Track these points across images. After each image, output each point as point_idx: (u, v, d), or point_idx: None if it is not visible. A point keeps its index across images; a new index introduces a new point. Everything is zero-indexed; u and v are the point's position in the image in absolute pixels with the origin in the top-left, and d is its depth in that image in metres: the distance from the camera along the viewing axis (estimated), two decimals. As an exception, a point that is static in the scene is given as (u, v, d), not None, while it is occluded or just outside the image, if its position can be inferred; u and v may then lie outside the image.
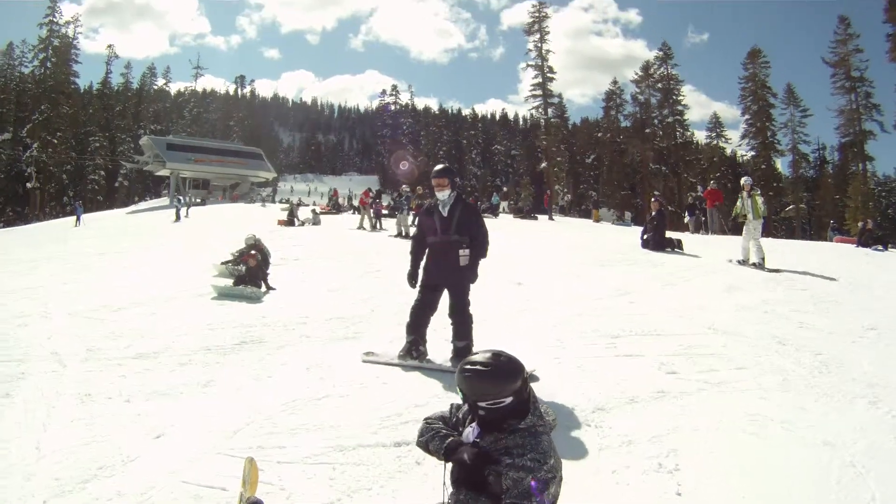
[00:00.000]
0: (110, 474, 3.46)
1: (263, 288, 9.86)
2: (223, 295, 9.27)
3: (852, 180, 57.35)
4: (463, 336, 5.27)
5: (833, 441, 3.74)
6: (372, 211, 23.04)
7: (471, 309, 5.34)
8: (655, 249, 13.57)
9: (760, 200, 11.79)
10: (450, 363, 5.23)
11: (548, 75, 72.77)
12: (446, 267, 5.27)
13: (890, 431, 4.02)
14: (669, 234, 14.75)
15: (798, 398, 4.49)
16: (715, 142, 72.06)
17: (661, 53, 70.12)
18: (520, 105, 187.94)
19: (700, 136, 75.09)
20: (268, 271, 10.39)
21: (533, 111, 75.03)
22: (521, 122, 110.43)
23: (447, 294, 5.38)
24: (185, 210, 30.63)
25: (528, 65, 73.65)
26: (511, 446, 2.29)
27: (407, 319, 5.48)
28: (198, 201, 49.97)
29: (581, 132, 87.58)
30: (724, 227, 22.33)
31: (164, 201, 55.07)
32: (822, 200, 64.43)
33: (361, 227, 22.59)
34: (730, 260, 11.93)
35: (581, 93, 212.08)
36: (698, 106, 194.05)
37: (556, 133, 73.86)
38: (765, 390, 4.63)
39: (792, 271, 10.66)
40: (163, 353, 6.00)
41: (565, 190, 41.23)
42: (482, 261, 5.44)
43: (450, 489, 2.43)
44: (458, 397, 2.43)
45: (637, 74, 71.25)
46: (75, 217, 34.37)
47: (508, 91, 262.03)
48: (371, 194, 24.48)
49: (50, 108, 64.79)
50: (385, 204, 26.15)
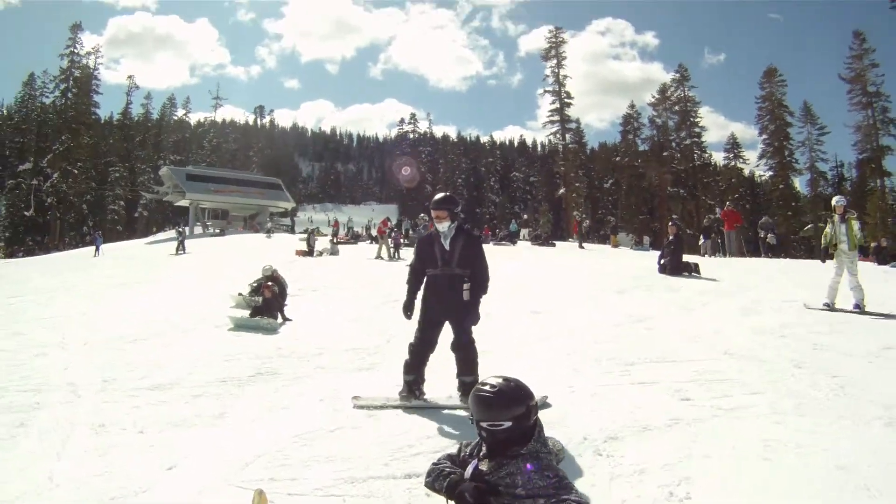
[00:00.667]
0: (121, 505, 3.50)
1: (280, 319, 9.96)
2: (240, 326, 9.39)
3: (870, 197, 57.25)
4: (470, 370, 5.09)
5: (847, 464, 3.69)
6: (391, 240, 23.19)
7: (476, 344, 5.16)
8: (673, 274, 13.60)
9: (857, 226, 9.66)
10: (459, 400, 5.08)
11: (565, 101, 74.02)
12: (450, 301, 5.09)
13: (905, 454, 3.98)
14: (687, 259, 14.75)
15: (813, 422, 4.44)
16: (733, 163, 72.25)
17: (678, 76, 70.78)
18: (538, 131, 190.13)
19: (718, 158, 75.42)
20: (285, 302, 10.51)
21: (551, 137, 76.62)
22: (540, 149, 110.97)
23: (448, 328, 5.20)
24: (181, 246, 29.96)
25: (546, 90, 75.06)
26: (513, 471, 2.39)
27: (406, 358, 5.26)
28: (217, 231, 50.48)
29: (599, 157, 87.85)
30: (743, 250, 22.18)
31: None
32: (841, 219, 63.88)
33: (379, 257, 22.75)
34: (807, 305, 9.60)
35: (599, 117, 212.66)
36: (716, 127, 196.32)
37: (574, 158, 74.62)
38: (780, 415, 4.59)
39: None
40: (178, 385, 6.08)
41: (584, 215, 41.17)
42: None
43: None
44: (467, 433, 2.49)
45: (654, 97, 71.92)
46: (95, 247, 34.80)
47: (527, 117, 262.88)
48: (389, 224, 24.69)
49: (70, 139, 66.29)
50: (403, 232, 26.21)
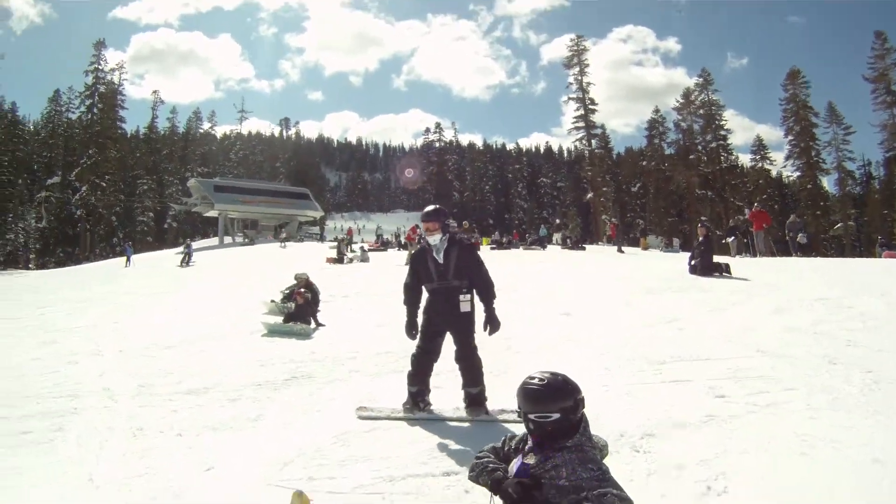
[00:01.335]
0: (162, 506, 3.54)
1: (313, 324, 10.03)
2: (273, 332, 9.47)
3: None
4: (475, 382, 4.97)
5: (883, 459, 3.66)
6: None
7: (479, 353, 5.04)
8: (703, 275, 13.45)
9: None
10: (465, 412, 4.97)
11: (589, 107, 74.49)
12: (449, 312, 5.03)
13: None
14: (717, 259, 14.61)
15: (848, 417, 4.40)
16: (760, 164, 72.16)
17: (702, 80, 70.90)
18: (563, 137, 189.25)
19: (745, 160, 75.28)
20: (317, 308, 10.56)
21: (577, 143, 76.96)
22: (566, 154, 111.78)
23: (450, 339, 5.12)
24: (187, 258, 29.97)
25: (570, 98, 75.50)
26: (559, 464, 2.42)
27: (408, 369, 5.22)
28: (246, 241, 51.02)
29: (626, 161, 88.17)
30: (773, 250, 21.84)
31: (214, 241, 56.45)
32: (870, 217, 64.12)
33: (409, 263, 22.75)
34: None
35: (624, 122, 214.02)
36: (742, 129, 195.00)
37: (601, 163, 74.99)
38: (814, 410, 4.55)
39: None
40: (213, 389, 6.17)
41: (613, 220, 41.12)
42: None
43: None
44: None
45: (678, 102, 72.04)
46: (125, 258, 35.41)
47: (551, 124, 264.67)
48: (418, 231, 24.69)
49: (98, 153, 67.97)
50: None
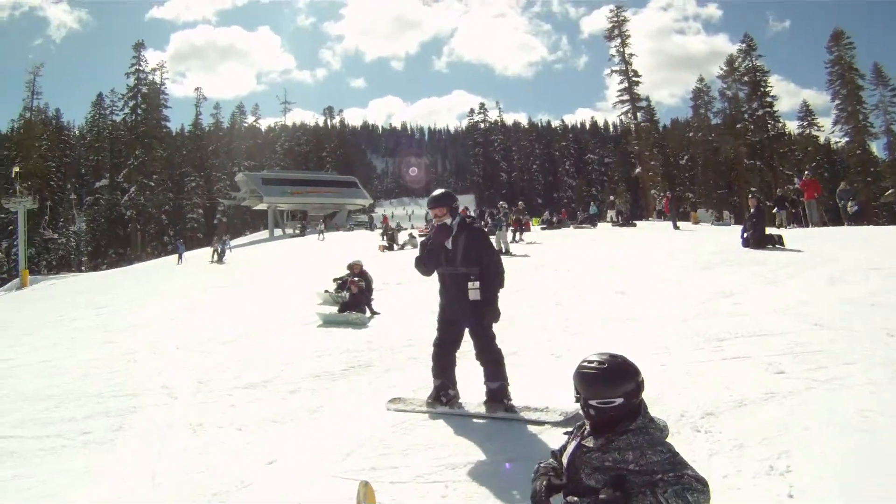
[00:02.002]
0: (224, 500, 3.56)
1: (368, 313, 10.07)
2: (329, 322, 9.56)
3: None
4: (496, 376, 4.77)
5: None
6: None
7: (498, 343, 4.84)
8: (756, 247, 13.30)
9: None
10: (484, 407, 4.79)
11: (633, 79, 73.35)
12: (459, 303, 4.81)
13: None
14: (770, 231, 14.38)
15: None
16: (808, 131, 70.45)
17: (745, 46, 69.05)
18: (609, 112, 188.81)
19: (792, 127, 73.45)
20: (371, 297, 10.57)
21: (622, 117, 76.06)
22: (612, 129, 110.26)
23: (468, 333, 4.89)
24: (218, 253, 30.28)
25: (613, 70, 74.56)
26: (623, 447, 2.37)
27: (430, 362, 5.05)
28: (296, 232, 51.60)
29: (672, 134, 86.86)
30: (825, 219, 21.19)
31: (264, 234, 57.44)
32: (922, 181, 60.58)
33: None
34: None
35: (670, 93, 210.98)
36: (787, 95, 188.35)
37: (648, 137, 73.81)
38: (875, 384, 4.41)
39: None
40: (272, 382, 6.22)
41: (662, 194, 40.34)
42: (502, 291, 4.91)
43: None
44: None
45: (722, 69, 70.25)
46: (177, 255, 36.29)
47: (596, 98, 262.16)
48: (468, 213, 24.61)
49: (144, 153, 70.03)
50: (483, 223, 26.03)
